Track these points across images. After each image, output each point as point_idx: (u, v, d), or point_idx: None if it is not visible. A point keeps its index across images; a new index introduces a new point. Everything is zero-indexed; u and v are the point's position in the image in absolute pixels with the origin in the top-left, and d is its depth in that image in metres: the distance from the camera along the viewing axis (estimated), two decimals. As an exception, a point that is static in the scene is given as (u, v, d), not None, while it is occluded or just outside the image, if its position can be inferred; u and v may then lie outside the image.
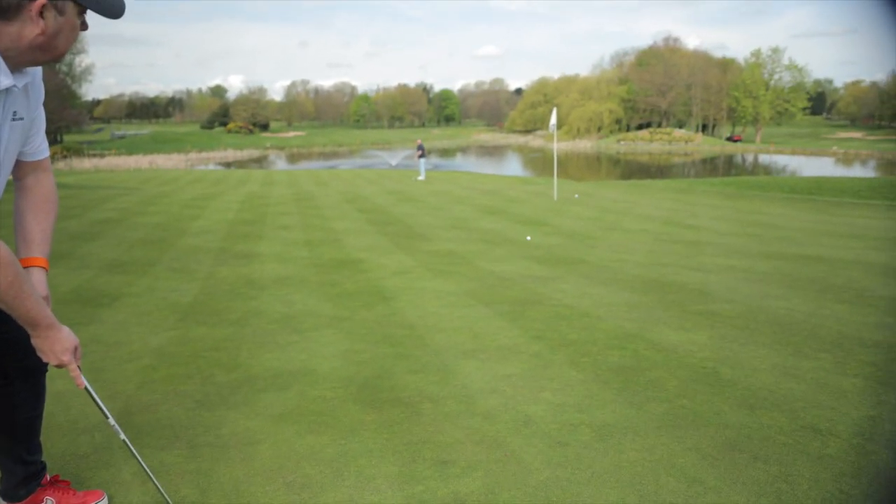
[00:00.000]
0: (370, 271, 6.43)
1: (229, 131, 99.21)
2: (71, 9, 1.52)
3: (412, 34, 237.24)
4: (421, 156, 26.32)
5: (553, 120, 15.15)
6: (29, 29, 1.46)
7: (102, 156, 59.83)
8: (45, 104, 1.87)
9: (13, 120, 1.62)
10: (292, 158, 69.45)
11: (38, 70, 1.71)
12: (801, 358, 3.67)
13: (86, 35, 73.28)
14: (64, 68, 70.59)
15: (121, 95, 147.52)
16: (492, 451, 2.59)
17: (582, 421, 2.86)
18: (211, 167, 52.86)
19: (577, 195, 15.93)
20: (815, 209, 13.34)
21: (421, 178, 25.35)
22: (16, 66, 1.53)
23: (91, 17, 1.63)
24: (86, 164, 50.15)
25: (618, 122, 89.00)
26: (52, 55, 1.55)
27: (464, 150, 79.50)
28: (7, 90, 1.53)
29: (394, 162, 46.69)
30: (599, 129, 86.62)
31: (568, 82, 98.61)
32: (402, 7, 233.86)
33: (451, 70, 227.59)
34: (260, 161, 64.98)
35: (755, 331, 4.22)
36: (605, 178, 37.74)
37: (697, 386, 3.24)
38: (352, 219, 10.95)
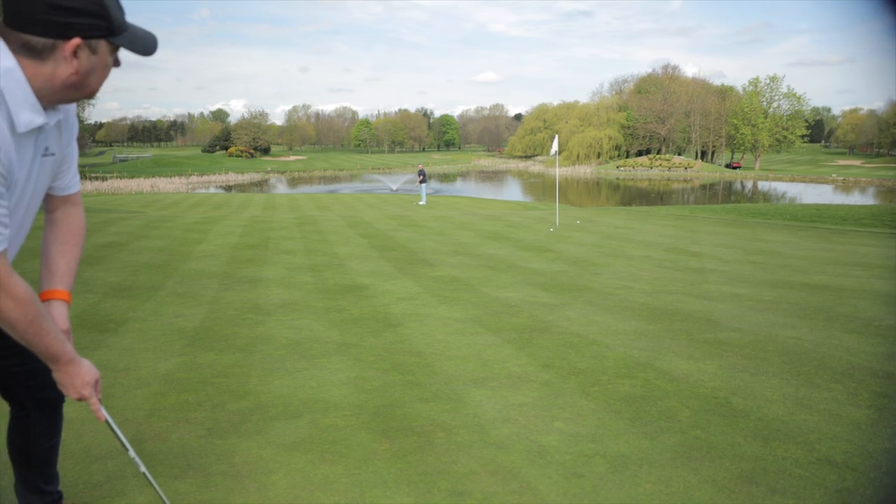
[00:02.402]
0: (375, 297, 6.43)
1: (230, 155, 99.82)
2: (104, 47, 1.54)
3: (412, 60, 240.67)
4: (422, 181, 26.47)
5: (555, 146, 15.28)
6: (63, 69, 1.48)
7: (105, 179, 60.03)
8: None
9: (44, 156, 1.64)
10: (293, 182, 69.75)
11: (72, 106, 1.72)
12: (813, 388, 3.66)
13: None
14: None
15: (123, 119, 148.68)
16: (507, 483, 2.57)
17: (596, 451, 2.84)
18: (212, 190, 53.05)
19: (578, 221, 15.99)
20: (817, 237, 13.38)
21: (422, 202, 25.46)
22: (49, 104, 1.55)
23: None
24: (88, 186, 50.29)
25: (617, 148, 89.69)
26: (84, 93, 1.57)
27: (464, 175, 79.94)
28: (40, 128, 1.55)
29: (395, 187, 46.89)
30: (599, 155, 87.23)
31: (567, 108, 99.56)
32: (402, 32, 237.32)
33: (452, 95, 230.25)
34: (261, 185, 65.22)
35: (765, 360, 4.22)
36: (606, 203, 37.93)
37: (710, 416, 3.23)
38: (355, 244, 10.97)
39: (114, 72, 1.64)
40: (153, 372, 3.96)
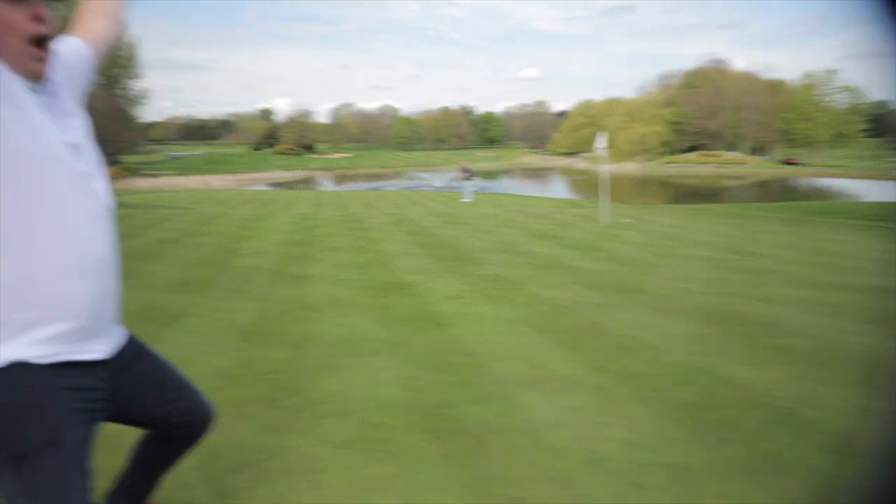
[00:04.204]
0: (422, 295, 6.41)
1: (277, 153, 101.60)
2: None
3: (453, 57, 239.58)
4: (466, 178, 26.37)
5: (601, 142, 15.02)
6: None
7: (158, 176, 61.84)
8: (104, 126, 1.77)
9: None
10: (338, 179, 70.60)
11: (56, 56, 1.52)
12: (889, 400, 3.47)
13: (141, 60, 75.86)
14: (120, 92, 73.33)
15: (175, 118, 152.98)
16: (564, 490, 2.50)
17: (655, 461, 2.74)
18: (260, 188, 54.09)
19: (627, 219, 15.69)
20: (884, 237, 12.82)
21: (466, 200, 25.37)
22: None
23: (147, 43, 1.56)
24: (143, 184, 51.92)
25: (665, 144, 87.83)
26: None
27: (508, 172, 79.55)
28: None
29: (438, 184, 46.92)
30: (646, 151, 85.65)
31: (612, 104, 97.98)
32: (442, 30, 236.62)
33: (493, 92, 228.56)
34: (307, 182, 66.20)
35: (834, 368, 4.02)
36: (655, 201, 37.18)
37: (777, 427, 3.09)
38: (400, 241, 10.99)
39: (165, 72, 1.62)
40: (210, 366, 4.02)
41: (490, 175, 68.56)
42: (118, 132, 58.14)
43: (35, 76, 1.40)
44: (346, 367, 4.03)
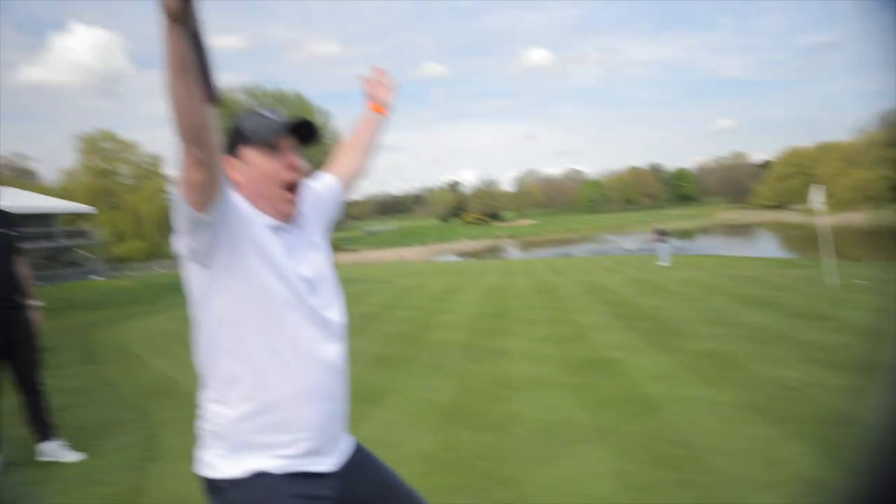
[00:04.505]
0: (627, 374, 6.00)
1: (465, 223, 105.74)
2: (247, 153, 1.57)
3: (639, 116, 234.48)
4: (660, 240, 25.15)
5: (817, 195, 13.47)
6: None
7: (357, 251, 67.17)
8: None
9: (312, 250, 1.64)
10: (525, 247, 71.35)
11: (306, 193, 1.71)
12: None
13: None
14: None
15: (372, 196, 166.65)
16: None
17: None
18: (450, 258, 56.35)
19: (861, 280, 13.71)
20: None
21: (663, 263, 24.10)
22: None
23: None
24: (344, 258, 56.66)
25: (894, 189, 77.33)
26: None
27: (706, 230, 74.77)
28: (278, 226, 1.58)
29: (630, 247, 45.40)
30: (871, 199, 75.96)
31: (825, 150, 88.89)
32: (627, 90, 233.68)
33: (684, 148, 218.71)
34: (494, 250, 67.74)
35: None
36: (892, 257, 32.36)
37: None
38: (596, 312, 10.58)
39: None
40: (414, 449, 4.04)
41: (686, 234, 64.97)
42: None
43: (286, 216, 1.57)
44: (553, 456, 3.81)
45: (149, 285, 23.54)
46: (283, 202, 1.55)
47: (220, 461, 1.49)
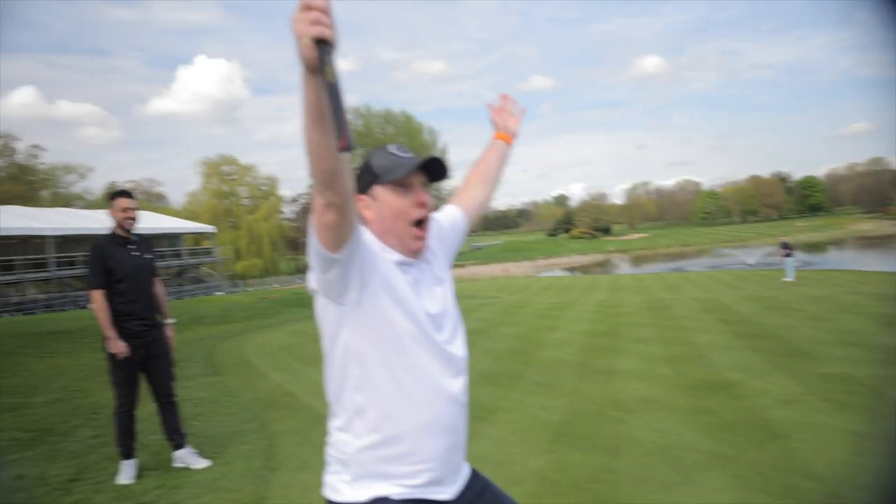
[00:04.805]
0: (748, 398, 5.70)
1: (573, 237, 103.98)
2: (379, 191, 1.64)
3: (761, 121, 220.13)
4: (787, 254, 23.58)
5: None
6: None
7: (464, 266, 67.66)
8: None
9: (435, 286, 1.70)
10: (636, 261, 69.03)
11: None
12: None
13: (451, 163, 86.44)
14: (434, 192, 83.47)
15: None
16: None
17: None
18: (556, 273, 55.53)
19: None
20: None
21: (789, 279, 22.59)
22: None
23: (453, 147, 1.71)
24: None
25: None
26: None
27: (838, 243, 69.06)
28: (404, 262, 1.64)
29: (751, 261, 42.78)
30: None
31: (979, 154, 79.90)
32: (747, 95, 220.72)
33: (813, 154, 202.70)
34: (603, 265, 66.02)
35: None
36: None
37: None
38: (714, 331, 10.10)
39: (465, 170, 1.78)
40: (526, 468, 4.06)
41: (815, 248, 60.50)
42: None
43: (414, 253, 1.63)
44: (671, 484, 3.70)
45: (266, 301, 24.94)
46: (412, 239, 1.61)
47: (345, 486, 1.55)
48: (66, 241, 34.44)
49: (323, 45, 1.11)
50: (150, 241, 4.77)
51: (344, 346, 1.53)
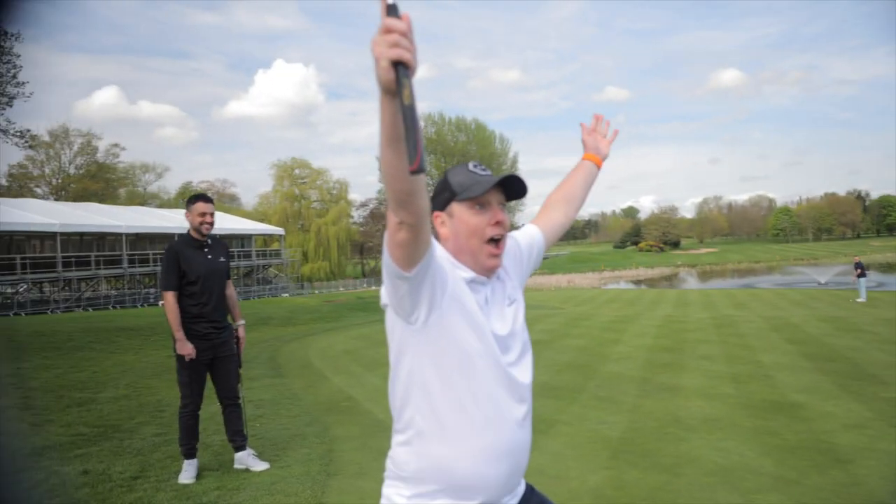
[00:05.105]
0: (813, 420, 5.63)
1: (640, 250, 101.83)
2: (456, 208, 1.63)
3: (842, 138, 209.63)
4: (860, 274, 22.63)
5: None
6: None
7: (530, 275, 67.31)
8: None
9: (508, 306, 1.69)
10: (704, 276, 67.16)
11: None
12: None
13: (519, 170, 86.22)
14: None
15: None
16: None
17: None
18: (622, 286, 54.62)
19: None
20: None
21: (861, 299, 21.67)
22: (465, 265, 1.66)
23: (524, 155, 1.71)
24: (516, 283, 56.86)
25: None
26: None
27: (917, 263, 65.47)
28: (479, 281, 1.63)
29: (823, 280, 41.05)
30: None
31: None
32: (828, 111, 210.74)
33: (892, 173, 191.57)
34: (670, 279, 64.51)
35: None
36: None
37: None
38: (781, 351, 9.87)
39: (538, 180, 1.78)
40: (583, 484, 4.16)
41: (891, 268, 57.37)
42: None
43: (488, 271, 1.62)
44: (728, 504, 3.75)
45: (331, 304, 25.50)
46: (487, 257, 1.59)
47: (402, 500, 1.55)
48: (139, 239, 35.77)
49: (401, 68, 1.10)
50: (225, 245, 4.81)
51: (408, 367, 1.53)
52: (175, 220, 38.82)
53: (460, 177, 1.62)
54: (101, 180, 58.67)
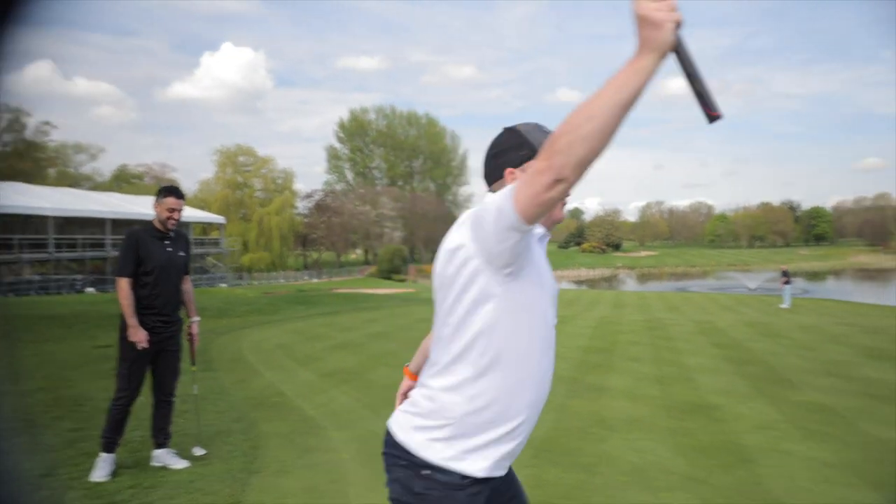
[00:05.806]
0: (727, 421, 5.98)
1: (583, 251, 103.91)
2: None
3: (780, 150, 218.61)
4: (786, 282, 23.85)
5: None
6: None
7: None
8: (436, 228, 1.96)
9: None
10: (642, 278, 69.20)
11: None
12: None
13: (470, 169, 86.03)
14: (449, 197, 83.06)
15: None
16: None
17: None
18: (564, 286, 55.62)
19: None
20: None
21: (785, 306, 22.85)
22: None
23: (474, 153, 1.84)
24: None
25: None
26: None
27: (837, 273, 69.10)
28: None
29: (752, 285, 42.93)
30: None
31: None
32: (769, 123, 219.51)
33: (824, 186, 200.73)
34: (610, 280, 66.18)
35: None
36: None
37: None
38: (706, 354, 10.36)
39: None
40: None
41: (815, 276, 60.45)
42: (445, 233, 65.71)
43: (555, 223, 1.76)
44: None
45: (269, 296, 25.08)
46: (559, 210, 1.68)
47: (436, 444, 1.57)
48: (68, 223, 33.67)
49: (678, 29, 1.23)
50: (187, 239, 4.75)
51: (487, 314, 1.55)
52: (109, 205, 37.14)
53: (539, 136, 1.68)
54: (29, 159, 55.68)
